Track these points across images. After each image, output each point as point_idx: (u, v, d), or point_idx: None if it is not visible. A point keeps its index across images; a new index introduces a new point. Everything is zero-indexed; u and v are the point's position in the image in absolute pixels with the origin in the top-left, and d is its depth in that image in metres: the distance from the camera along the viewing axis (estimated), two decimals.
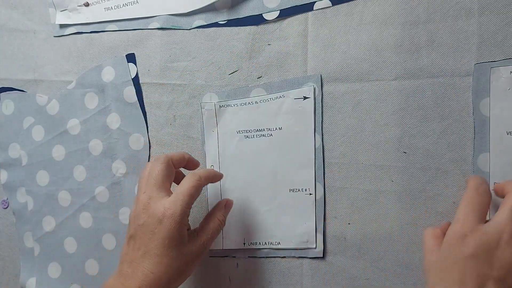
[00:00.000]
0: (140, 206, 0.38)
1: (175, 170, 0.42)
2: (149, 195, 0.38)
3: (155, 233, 0.36)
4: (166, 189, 0.39)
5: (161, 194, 0.38)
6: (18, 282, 0.56)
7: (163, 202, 0.37)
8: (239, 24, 0.46)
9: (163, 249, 0.36)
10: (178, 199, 0.37)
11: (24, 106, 0.54)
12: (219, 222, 0.41)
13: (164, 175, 0.39)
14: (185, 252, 0.37)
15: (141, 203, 0.38)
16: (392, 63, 0.41)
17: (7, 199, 0.56)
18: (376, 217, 0.42)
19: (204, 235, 0.39)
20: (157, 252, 0.36)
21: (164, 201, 0.37)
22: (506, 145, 0.38)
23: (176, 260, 0.37)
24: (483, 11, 0.38)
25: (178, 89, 0.48)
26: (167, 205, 0.37)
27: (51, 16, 0.53)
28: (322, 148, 0.44)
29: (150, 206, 0.37)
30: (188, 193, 0.38)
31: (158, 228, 0.36)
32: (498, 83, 0.38)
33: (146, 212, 0.37)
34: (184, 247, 0.37)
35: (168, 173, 0.40)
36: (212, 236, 0.40)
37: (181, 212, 0.36)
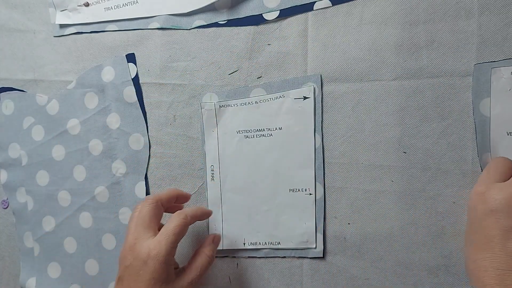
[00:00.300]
0: (127, 247, 0.38)
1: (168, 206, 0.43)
2: (136, 236, 0.38)
3: (140, 274, 0.36)
4: (153, 230, 0.39)
5: (147, 234, 0.38)
6: (18, 282, 0.56)
7: (148, 242, 0.37)
8: (239, 24, 0.46)
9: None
10: (163, 238, 0.37)
11: (24, 106, 0.54)
12: (208, 258, 0.41)
13: (151, 216, 0.40)
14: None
15: (128, 244, 0.38)
16: (392, 63, 0.41)
17: (7, 199, 0.56)
18: (376, 217, 0.42)
19: (192, 272, 0.39)
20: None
21: (149, 241, 0.37)
22: (506, 146, 0.38)
23: None
24: (483, 11, 0.38)
25: (178, 89, 0.48)
26: (151, 246, 0.37)
27: (51, 16, 0.53)
28: (322, 148, 0.44)
29: (136, 247, 0.38)
30: (173, 232, 0.38)
31: (143, 270, 0.36)
32: (498, 84, 0.38)
33: (132, 253, 0.38)
34: (171, 287, 0.37)
35: (155, 213, 0.40)
36: (201, 273, 0.40)
37: (166, 252, 0.36)
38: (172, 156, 0.49)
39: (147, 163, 0.50)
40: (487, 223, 0.32)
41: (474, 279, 0.32)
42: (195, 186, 0.49)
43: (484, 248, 0.32)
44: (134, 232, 0.39)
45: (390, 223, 0.42)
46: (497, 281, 0.30)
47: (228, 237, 0.47)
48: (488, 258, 0.31)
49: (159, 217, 0.42)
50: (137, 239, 0.38)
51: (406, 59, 0.41)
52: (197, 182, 0.48)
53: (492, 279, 0.30)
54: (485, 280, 0.31)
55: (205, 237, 0.44)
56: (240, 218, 0.47)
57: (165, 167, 0.49)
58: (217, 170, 0.47)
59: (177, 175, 0.49)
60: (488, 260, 0.31)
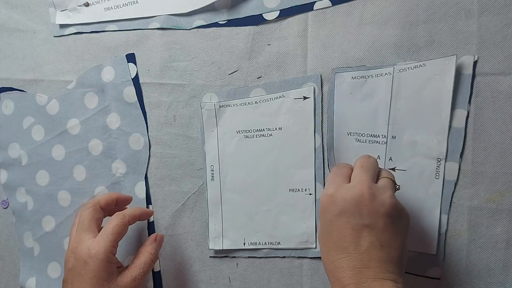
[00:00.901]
0: (69, 251, 0.40)
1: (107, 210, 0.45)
2: (77, 240, 0.40)
3: (82, 274, 0.38)
4: (93, 231, 0.41)
5: (87, 237, 0.40)
6: (18, 282, 0.56)
7: (88, 243, 0.39)
8: (239, 24, 0.46)
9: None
10: (101, 239, 0.39)
11: (24, 106, 0.54)
12: (151, 256, 0.42)
13: (90, 219, 0.42)
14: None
15: (70, 248, 0.41)
16: (392, 63, 0.41)
17: (7, 199, 0.56)
18: None
19: (135, 270, 0.40)
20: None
21: (89, 242, 0.39)
22: (347, 145, 0.42)
23: None
24: (483, 12, 0.38)
25: (178, 89, 0.48)
26: (91, 246, 0.39)
27: (51, 16, 0.53)
28: (322, 148, 0.44)
29: (77, 250, 0.39)
30: (112, 231, 0.40)
31: (84, 269, 0.38)
32: (341, 88, 0.42)
33: (74, 256, 0.40)
34: (113, 284, 0.38)
35: (94, 217, 0.42)
36: (144, 270, 0.41)
37: (105, 251, 0.38)
38: (172, 156, 0.49)
39: (147, 163, 0.50)
40: (339, 223, 0.33)
41: (334, 280, 0.32)
42: (195, 186, 0.49)
43: (339, 249, 0.32)
44: (75, 236, 0.41)
45: None
46: (355, 280, 0.30)
47: (228, 237, 0.47)
48: (344, 258, 0.32)
49: (99, 221, 0.43)
50: (78, 242, 0.40)
51: (406, 59, 0.41)
52: (197, 182, 0.48)
53: (350, 279, 0.31)
54: (344, 280, 0.31)
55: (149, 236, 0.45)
56: (240, 218, 0.47)
57: (165, 167, 0.49)
58: (217, 170, 0.47)
59: (177, 175, 0.49)
60: (345, 260, 0.32)
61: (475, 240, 0.39)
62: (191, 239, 0.49)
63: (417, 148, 0.40)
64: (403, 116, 0.40)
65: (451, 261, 0.40)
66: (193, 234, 0.49)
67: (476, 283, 0.39)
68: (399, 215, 0.33)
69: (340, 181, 0.35)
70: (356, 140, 0.42)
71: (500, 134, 0.38)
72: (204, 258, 0.49)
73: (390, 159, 0.41)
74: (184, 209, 0.49)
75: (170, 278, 0.50)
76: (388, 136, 0.41)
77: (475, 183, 0.39)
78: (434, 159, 0.39)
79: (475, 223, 0.39)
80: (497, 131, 0.38)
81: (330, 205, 0.34)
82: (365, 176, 0.34)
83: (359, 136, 0.42)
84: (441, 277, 0.40)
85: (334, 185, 0.35)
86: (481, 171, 0.39)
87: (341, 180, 0.35)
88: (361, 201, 0.32)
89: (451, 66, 0.38)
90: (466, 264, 0.39)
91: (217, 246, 0.47)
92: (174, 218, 0.49)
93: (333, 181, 0.35)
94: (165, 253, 0.50)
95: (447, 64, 0.38)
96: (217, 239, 0.47)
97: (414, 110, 0.39)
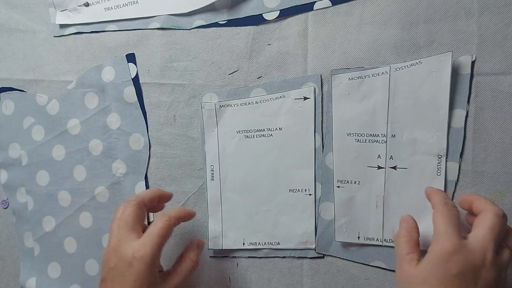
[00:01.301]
0: (111, 249, 0.37)
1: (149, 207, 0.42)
2: (119, 238, 0.38)
3: (125, 276, 0.35)
4: (137, 231, 0.38)
5: (131, 236, 0.38)
6: (18, 282, 0.56)
7: (133, 244, 0.37)
8: (239, 24, 0.46)
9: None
10: (147, 240, 0.37)
11: (24, 106, 0.54)
12: (192, 263, 0.40)
13: (134, 217, 0.39)
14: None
15: (111, 246, 0.38)
16: (392, 63, 0.41)
17: (7, 199, 0.56)
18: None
19: (176, 277, 0.39)
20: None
21: (134, 243, 0.37)
22: (346, 146, 0.42)
23: None
24: (483, 11, 0.38)
25: (178, 89, 0.48)
26: (136, 248, 0.36)
27: (51, 16, 0.53)
28: (322, 148, 0.44)
29: (120, 249, 0.37)
30: (158, 234, 0.37)
31: (128, 271, 0.35)
32: (338, 89, 0.42)
33: (116, 255, 0.37)
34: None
35: (138, 215, 0.39)
36: (185, 277, 0.39)
37: (151, 254, 0.36)
38: (172, 156, 0.49)
39: (147, 163, 0.50)
40: (449, 284, 0.31)
41: None
42: (195, 186, 0.49)
43: None
44: (117, 234, 0.38)
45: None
46: None
47: (228, 237, 0.47)
48: None
49: (143, 218, 0.41)
50: (121, 241, 0.37)
51: (406, 59, 0.41)
52: (197, 182, 0.48)
53: None
54: None
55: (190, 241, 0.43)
56: (240, 218, 0.47)
57: (165, 167, 0.49)
58: (217, 170, 0.47)
59: (177, 175, 0.49)
60: None
61: None
62: (191, 239, 0.49)
63: (417, 145, 0.40)
64: (401, 114, 0.40)
65: None
66: (193, 234, 0.49)
67: None
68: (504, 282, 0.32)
69: (457, 234, 0.32)
70: (356, 140, 0.42)
71: (500, 134, 0.38)
72: (204, 258, 0.49)
73: (390, 158, 0.41)
74: None
75: None
76: (387, 135, 0.41)
77: (475, 183, 0.39)
78: (435, 156, 0.39)
79: None
80: (498, 131, 0.38)
81: (446, 263, 0.31)
82: (490, 244, 0.31)
83: (359, 136, 0.42)
84: None
85: (453, 240, 0.31)
86: (481, 171, 0.39)
87: (458, 233, 0.32)
88: (480, 270, 0.31)
89: (447, 62, 0.38)
90: None
91: (217, 246, 0.47)
92: None
93: (449, 233, 0.32)
94: (165, 253, 0.50)
95: (443, 61, 0.38)
96: (217, 239, 0.47)
97: (413, 107, 0.39)
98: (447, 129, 0.39)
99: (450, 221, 0.33)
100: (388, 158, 0.41)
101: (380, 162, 0.41)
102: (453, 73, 0.38)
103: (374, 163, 0.41)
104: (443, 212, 0.34)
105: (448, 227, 0.32)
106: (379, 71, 0.41)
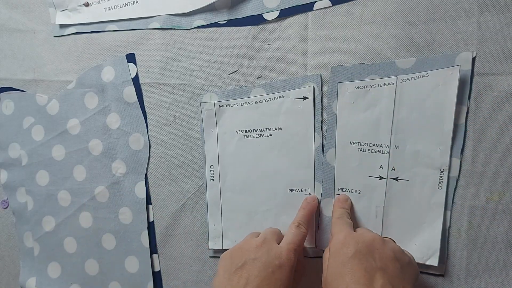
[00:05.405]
0: (253, 245, 0.39)
1: None
2: (265, 237, 0.40)
3: (272, 274, 0.36)
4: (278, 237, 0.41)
5: (275, 242, 0.40)
6: (18, 282, 0.56)
7: (281, 248, 0.38)
8: (239, 24, 0.46)
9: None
10: (292, 248, 0.38)
11: (24, 106, 0.54)
12: (303, 268, 0.42)
13: (294, 239, 0.40)
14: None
15: (255, 242, 0.39)
16: (392, 63, 0.41)
17: (7, 199, 0.56)
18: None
19: (297, 276, 0.41)
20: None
21: (281, 247, 0.38)
22: (349, 154, 0.42)
23: None
24: (483, 11, 0.38)
25: (178, 89, 0.48)
26: (285, 253, 0.38)
27: (51, 16, 0.53)
28: (322, 148, 0.44)
29: (264, 246, 0.38)
30: (299, 243, 0.39)
31: (277, 271, 0.37)
32: (344, 98, 0.42)
33: (259, 250, 0.38)
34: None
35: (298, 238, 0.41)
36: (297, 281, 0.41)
37: (295, 261, 0.38)
38: (172, 156, 0.49)
39: (147, 163, 0.50)
40: (352, 265, 0.33)
41: None
42: (195, 186, 0.49)
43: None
44: (264, 234, 0.40)
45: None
46: None
47: (228, 237, 0.47)
48: None
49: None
50: (265, 242, 0.39)
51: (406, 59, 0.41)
52: (197, 182, 0.48)
53: None
54: None
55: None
56: (240, 218, 0.47)
57: (165, 167, 0.49)
58: (216, 170, 0.47)
59: (177, 175, 0.49)
60: None
61: (475, 240, 0.39)
62: (191, 239, 0.49)
63: (420, 158, 0.39)
64: (406, 126, 0.40)
65: (451, 261, 0.40)
66: (193, 234, 0.49)
67: (476, 283, 0.39)
68: (408, 261, 0.35)
69: (349, 228, 0.37)
70: (359, 149, 0.42)
71: (500, 134, 0.38)
72: (204, 258, 0.49)
73: (393, 169, 0.40)
74: (184, 209, 0.49)
75: (170, 278, 0.50)
76: (391, 145, 0.40)
77: (476, 183, 0.39)
78: (437, 169, 0.39)
79: (475, 223, 0.39)
80: (497, 131, 0.38)
81: (343, 247, 0.35)
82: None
83: (362, 145, 0.42)
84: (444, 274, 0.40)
85: (344, 231, 0.37)
86: (481, 171, 0.39)
87: (349, 227, 0.38)
88: (373, 245, 0.35)
89: (455, 76, 0.37)
90: (466, 264, 0.39)
91: (217, 246, 0.47)
92: (174, 218, 0.49)
93: (341, 229, 0.37)
94: (165, 253, 0.50)
95: (450, 74, 0.38)
96: (217, 239, 0.47)
97: (417, 120, 0.39)
98: (451, 141, 0.38)
99: (341, 224, 0.38)
100: (390, 169, 0.41)
101: (382, 172, 0.41)
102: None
103: (376, 173, 0.41)
104: (337, 222, 0.39)
105: (340, 228, 0.38)
106: (385, 81, 0.40)
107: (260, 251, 0.38)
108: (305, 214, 0.42)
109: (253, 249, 0.38)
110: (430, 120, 0.39)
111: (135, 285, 0.50)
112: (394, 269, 0.33)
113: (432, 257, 0.39)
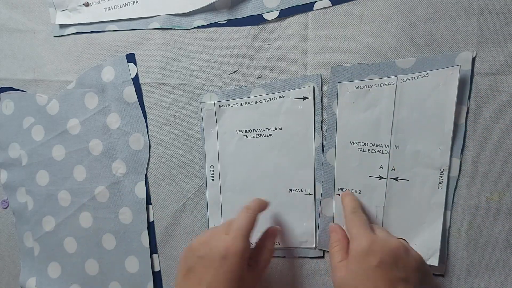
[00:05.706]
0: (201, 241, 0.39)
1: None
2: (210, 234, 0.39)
3: (218, 267, 0.36)
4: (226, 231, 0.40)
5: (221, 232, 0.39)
6: (18, 282, 0.56)
7: (224, 238, 0.38)
8: (239, 24, 0.46)
9: (226, 283, 0.36)
10: (238, 235, 0.37)
11: (24, 106, 0.54)
12: (270, 252, 0.42)
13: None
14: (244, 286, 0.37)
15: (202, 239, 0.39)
16: (392, 63, 0.41)
17: (7, 199, 0.56)
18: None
19: (259, 267, 0.40)
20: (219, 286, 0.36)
21: (225, 238, 0.38)
22: (349, 154, 0.42)
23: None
24: (483, 11, 0.38)
25: (178, 89, 0.49)
26: (229, 242, 0.37)
27: (51, 16, 0.53)
28: (322, 148, 0.44)
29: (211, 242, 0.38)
30: (246, 228, 0.38)
31: (222, 264, 0.36)
32: (344, 98, 0.42)
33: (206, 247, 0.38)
34: (244, 282, 0.37)
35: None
36: (266, 266, 0.41)
37: (244, 248, 0.37)
38: (172, 156, 0.49)
39: (147, 163, 0.50)
40: (376, 274, 0.33)
41: None
42: (195, 186, 0.49)
43: None
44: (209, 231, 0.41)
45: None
46: None
47: None
48: None
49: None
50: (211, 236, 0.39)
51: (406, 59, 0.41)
52: (197, 182, 0.48)
53: None
54: None
55: (265, 230, 0.44)
56: None
57: (165, 167, 0.49)
58: (216, 170, 0.47)
59: (177, 175, 0.49)
60: None
61: (475, 240, 0.39)
62: (191, 239, 0.49)
63: (420, 158, 0.39)
64: (406, 125, 0.40)
65: (451, 260, 0.40)
66: (193, 234, 0.49)
67: (476, 283, 0.39)
68: (427, 271, 0.36)
69: (368, 231, 0.36)
70: (359, 149, 0.42)
71: (500, 134, 0.38)
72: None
73: (393, 169, 0.40)
74: (184, 209, 0.49)
75: (170, 278, 0.50)
76: (391, 145, 0.40)
77: (476, 183, 0.39)
78: (437, 169, 0.39)
79: (475, 223, 0.39)
80: (498, 131, 0.38)
81: (367, 255, 0.34)
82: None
83: (362, 145, 0.42)
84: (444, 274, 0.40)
85: (366, 236, 0.36)
86: (481, 170, 0.39)
87: (370, 231, 0.37)
88: (398, 253, 0.34)
89: (455, 76, 0.37)
90: (466, 264, 0.39)
91: None
92: (174, 218, 0.49)
93: (361, 232, 0.36)
94: (165, 253, 0.50)
95: (451, 74, 0.38)
96: None
97: (418, 120, 0.39)
98: (451, 141, 0.38)
99: (360, 224, 0.37)
100: (390, 169, 0.41)
101: (382, 172, 0.41)
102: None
103: (376, 173, 0.41)
104: (353, 218, 0.39)
105: (359, 229, 0.37)
106: (386, 81, 0.40)
107: (203, 248, 0.38)
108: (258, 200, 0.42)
109: (199, 247, 0.38)
110: (430, 120, 0.39)
111: (135, 285, 0.50)
112: (415, 279, 0.34)
113: (432, 257, 0.39)
